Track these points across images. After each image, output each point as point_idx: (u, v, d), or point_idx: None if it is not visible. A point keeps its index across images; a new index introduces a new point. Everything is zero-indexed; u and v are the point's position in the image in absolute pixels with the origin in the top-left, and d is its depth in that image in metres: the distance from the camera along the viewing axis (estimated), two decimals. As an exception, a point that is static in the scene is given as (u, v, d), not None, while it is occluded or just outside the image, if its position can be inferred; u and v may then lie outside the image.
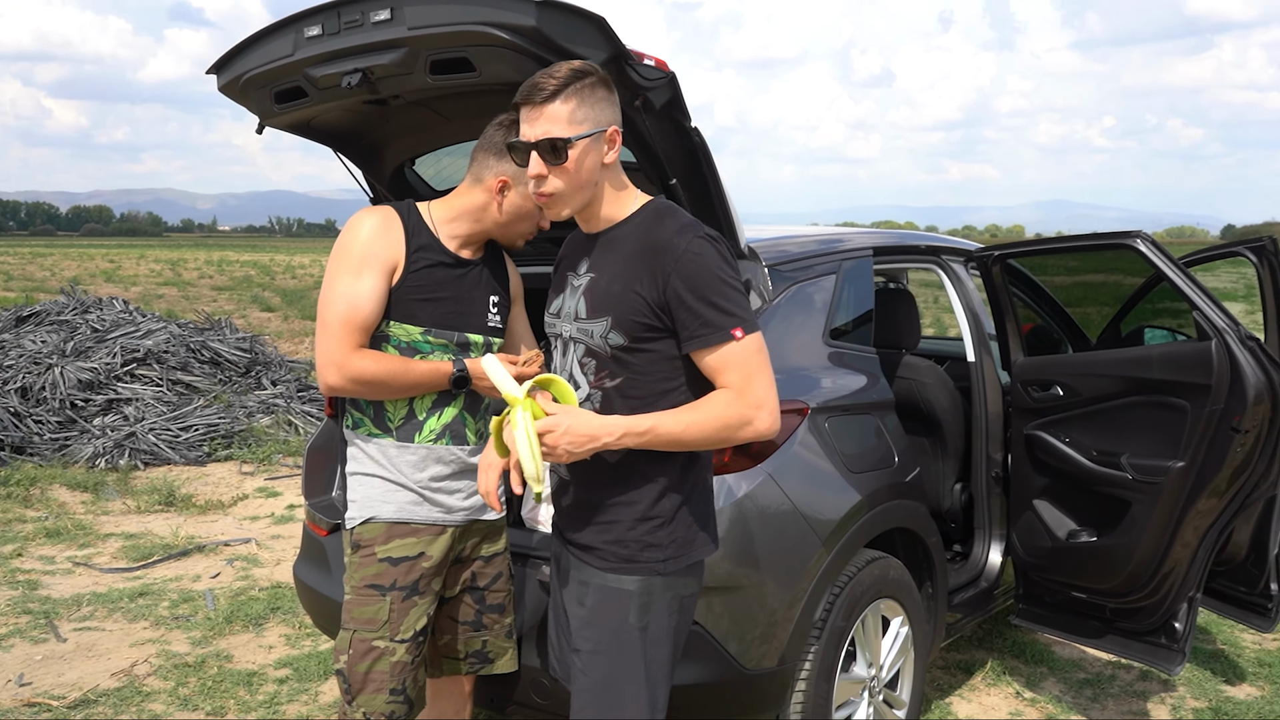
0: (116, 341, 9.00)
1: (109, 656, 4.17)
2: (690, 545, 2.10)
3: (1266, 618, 3.60)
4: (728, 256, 1.97)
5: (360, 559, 2.48)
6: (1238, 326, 3.20)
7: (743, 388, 1.95)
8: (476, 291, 2.55)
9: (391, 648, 2.44)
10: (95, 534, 5.90)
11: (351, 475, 2.55)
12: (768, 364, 1.97)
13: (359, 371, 2.38)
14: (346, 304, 2.38)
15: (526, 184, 2.43)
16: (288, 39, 2.58)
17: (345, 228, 2.48)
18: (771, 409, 1.96)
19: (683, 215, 2.03)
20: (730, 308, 1.93)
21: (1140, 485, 3.32)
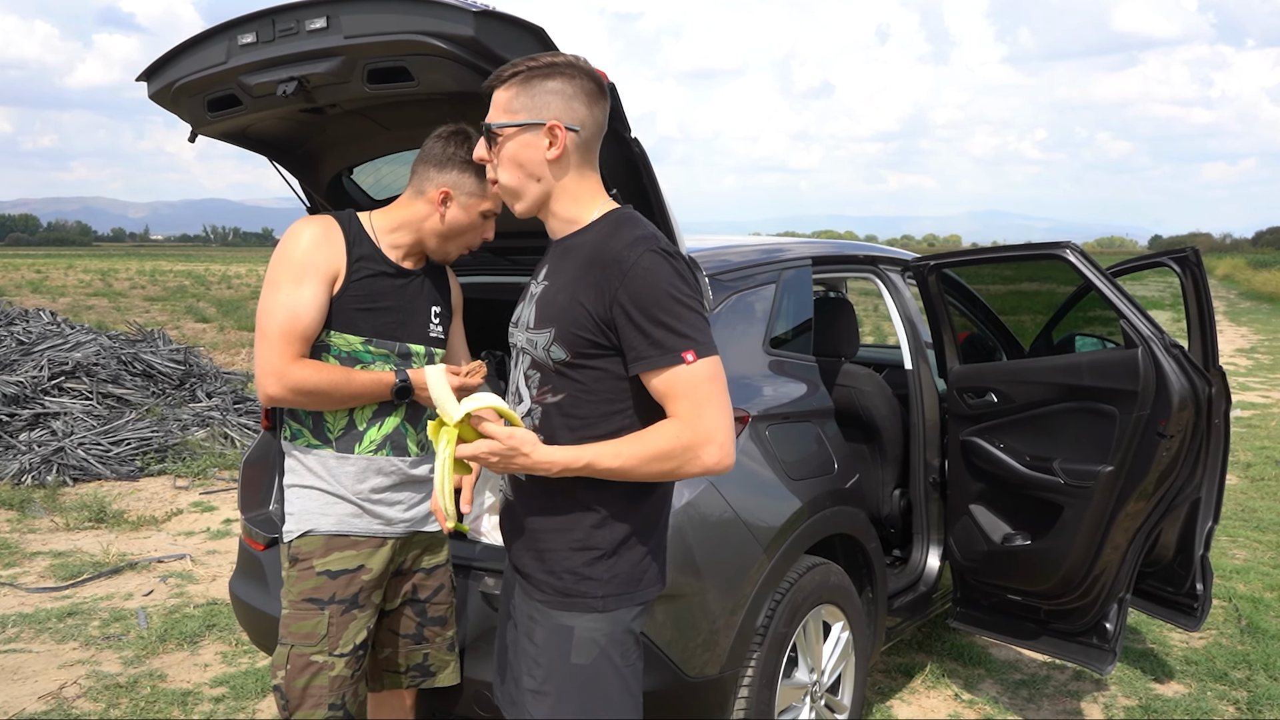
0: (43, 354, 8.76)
1: (36, 679, 4.05)
2: (636, 583, 1.95)
3: (1193, 617, 3.70)
4: (684, 273, 1.82)
5: (298, 572, 2.45)
6: (1162, 334, 3.30)
7: (690, 417, 1.78)
8: (418, 302, 2.54)
9: (330, 662, 2.41)
10: (21, 553, 5.72)
11: (289, 488, 2.51)
12: (722, 392, 1.81)
13: (299, 381, 2.35)
14: (287, 313, 2.35)
15: (467, 196, 2.45)
16: (221, 46, 2.54)
17: (285, 236, 2.45)
18: (722, 442, 1.79)
19: (641, 226, 1.89)
20: (682, 328, 1.78)
21: (1071, 489, 3.39)
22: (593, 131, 1.93)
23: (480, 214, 2.51)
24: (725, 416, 1.80)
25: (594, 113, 1.92)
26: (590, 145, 1.94)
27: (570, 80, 1.90)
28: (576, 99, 1.90)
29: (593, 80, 1.92)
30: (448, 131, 2.49)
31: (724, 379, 1.82)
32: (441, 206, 2.48)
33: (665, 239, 1.85)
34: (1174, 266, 3.70)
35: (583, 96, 1.91)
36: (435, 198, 2.47)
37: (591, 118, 1.92)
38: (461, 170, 2.46)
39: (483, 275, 3.57)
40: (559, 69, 1.90)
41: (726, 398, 1.82)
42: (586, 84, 1.91)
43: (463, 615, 2.81)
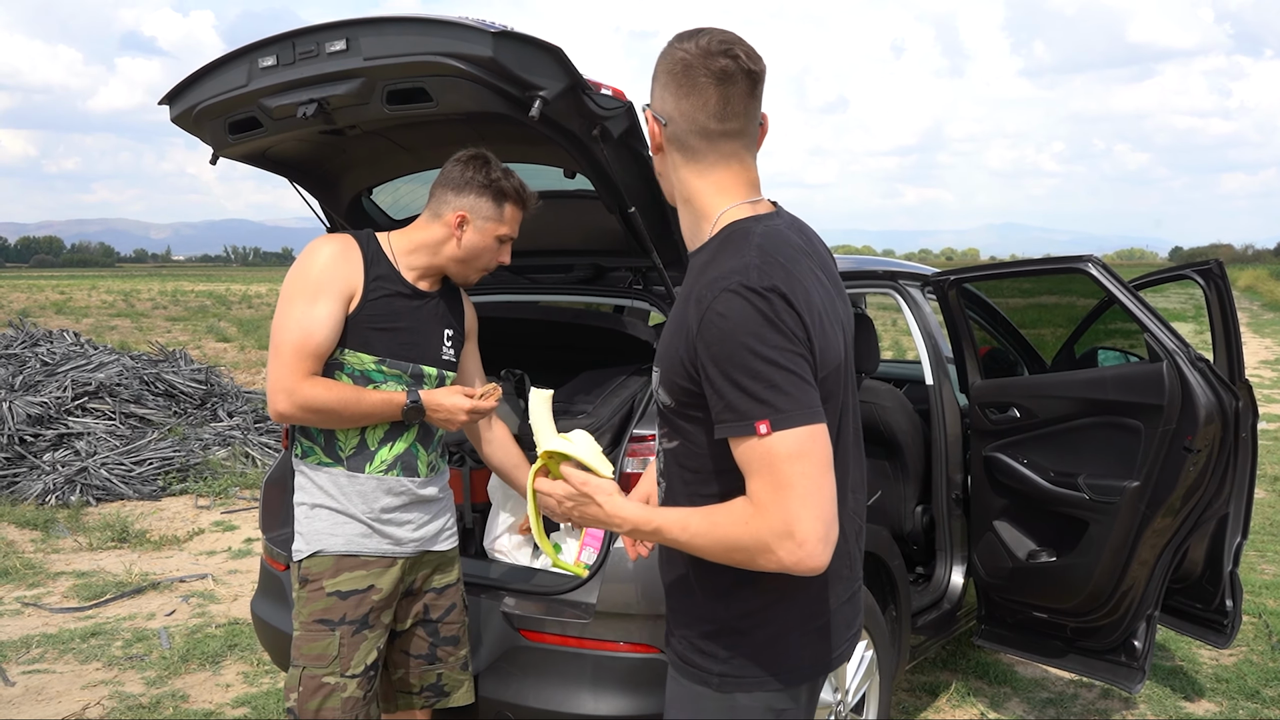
0: (67, 375, 8.83)
1: (60, 700, 4.06)
2: (773, 665, 1.62)
3: (1223, 634, 3.65)
4: (774, 317, 1.45)
5: (308, 593, 2.44)
6: (1187, 348, 3.27)
7: (764, 502, 1.45)
8: (432, 324, 2.54)
9: (343, 683, 2.41)
10: (45, 573, 5.75)
11: (298, 506, 2.51)
12: (811, 474, 1.43)
13: (309, 399, 2.34)
14: (300, 330, 2.35)
15: (483, 220, 2.46)
16: (241, 69, 2.57)
17: (303, 253, 2.45)
18: (805, 537, 1.42)
19: (738, 254, 1.52)
20: (758, 390, 1.43)
21: (1097, 505, 3.36)
22: (685, 128, 1.60)
23: (496, 238, 2.51)
24: (810, 505, 1.43)
25: (684, 105, 1.58)
26: (687, 143, 1.62)
27: (664, 61, 1.61)
28: (666, 85, 1.60)
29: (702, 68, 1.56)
30: (467, 155, 2.50)
31: (819, 456, 1.45)
32: (458, 230, 2.49)
33: (762, 269, 1.49)
34: (1198, 279, 3.67)
35: (672, 84, 1.59)
36: (452, 221, 2.48)
37: (679, 110, 1.59)
38: (479, 194, 2.47)
39: (502, 294, 3.57)
40: (672, 51, 1.60)
41: (819, 481, 1.44)
42: (680, 68, 1.57)
43: (484, 635, 2.80)
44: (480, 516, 3.15)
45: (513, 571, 2.95)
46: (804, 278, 1.53)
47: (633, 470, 2.72)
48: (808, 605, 1.64)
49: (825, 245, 1.75)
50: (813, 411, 1.46)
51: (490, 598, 2.84)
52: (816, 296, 1.54)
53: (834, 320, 1.58)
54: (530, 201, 2.56)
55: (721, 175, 1.63)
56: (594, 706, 2.64)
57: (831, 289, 1.63)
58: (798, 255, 1.58)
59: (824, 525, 1.44)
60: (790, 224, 1.67)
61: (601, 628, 2.66)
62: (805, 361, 1.47)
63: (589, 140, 2.51)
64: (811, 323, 1.49)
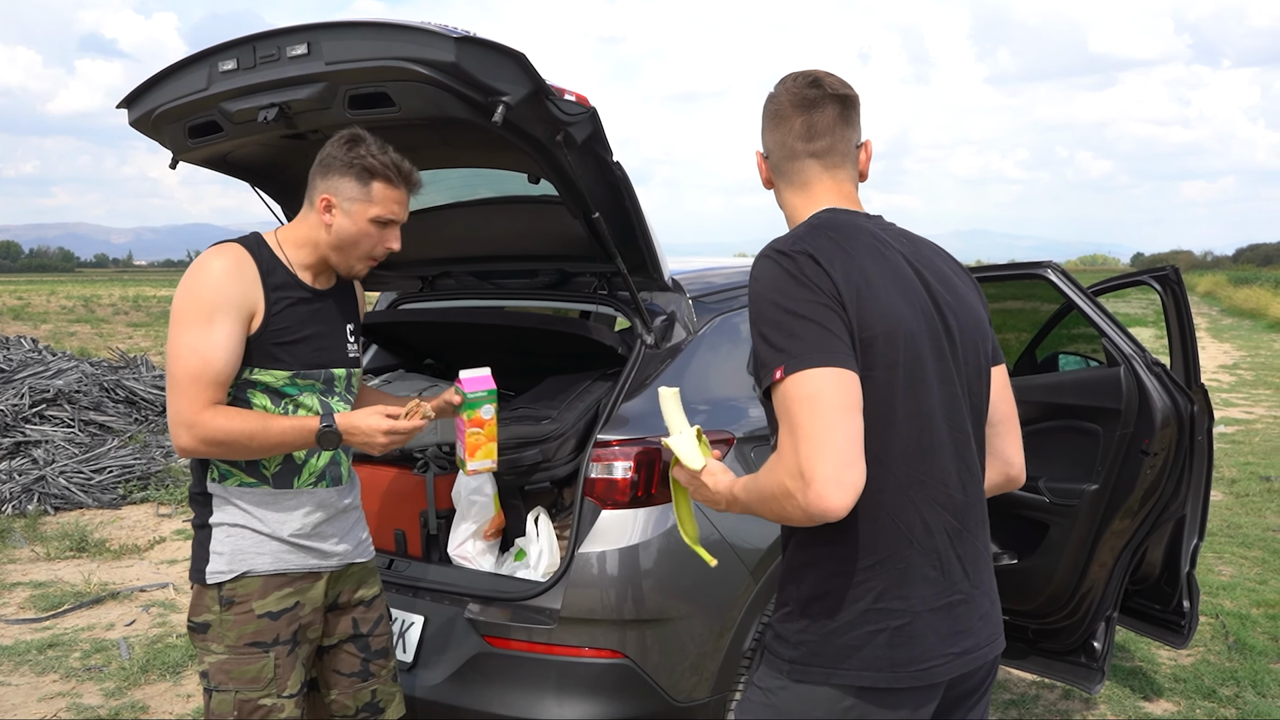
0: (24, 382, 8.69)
1: (16, 712, 3.98)
2: (832, 656, 1.60)
3: (1180, 634, 3.70)
4: (796, 273, 1.55)
5: (235, 616, 2.28)
6: (1144, 352, 3.32)
7: (783, 447, 1.50)
8: (335, 323, 2.41)
9: (280, 704, 2.30)
10: (1, 583, 5.64)
11: (216, 526, 2.32)
12: (820, 413, 1.46)
13: (213, 432, 2.18)
14: (197, 358, 2.18)
15: (349, 202, 2.28)
16: (202, 73, 2.55)
17: (191, 270, 2.24)
18: (812, 476, 1.44)
19: (787, 234, 1.71)
20: (777, 339, 1.51)
21: (1057, 508, 3.40)
22: (780, 156, 1.79)
23: (370, 221, 2.29)
24: (820, 445, 1.44)
25: (775, 135, 1.79)
26: (783, 170, 1.80)
27: (765, 106, 1.83)
28: (765, 124, 1.83)
29: (787, 104, 1.76)
30: (337, 135, 2.32)
31: (831, 398, 1.47)
32: (326, 215, 2.30)
33: (800, 237, 1.62)
34: (1155, 285, 3.73)
35: (768, 120, 1.82)
36: (319, 206, 2.31)
37: (773, 140, 1.80)
38: (342, 174, 2.28)
39: (467, 299, 3.56)
40: (768, 97, 1.82)
41: (829, 421, 1.46)
42: (771, 105, 1.80)
43: (449, 641, 2.78)
44: (444, 523, 3.13)
45: (477, 578, 2.94)
46: (856, 251, 1.60)
47: (597, 475, 2.72)
48: (878, 597, 1.59)
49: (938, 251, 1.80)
50: (828, 355, 1.48)
51: (454, 604, 2.82)
52: (873, 269, 1.60)
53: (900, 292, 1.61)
54: (409, 179, 2.32)
55: (816, 190, 1.76)
56: (558, 712, 2.63)
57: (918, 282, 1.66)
58: (863, 239, 1.64)
59: (834, 466, 1.44)
60: (878, 222, 1.75)
61: (566, 633, 2.65)
62: (831, 312, 1.52)
63: (552, 146, 2.50)
64: (845, 281, 1.55)
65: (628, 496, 2.70)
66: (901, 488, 1.58)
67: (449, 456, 3.22)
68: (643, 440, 2.73)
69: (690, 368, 2.97)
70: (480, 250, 3.44)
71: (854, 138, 1.76)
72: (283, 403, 2.31)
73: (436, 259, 3.57)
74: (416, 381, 3.41)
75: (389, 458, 3.23)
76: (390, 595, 2.96)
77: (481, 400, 2.48)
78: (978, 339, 1.72)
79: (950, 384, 1.64)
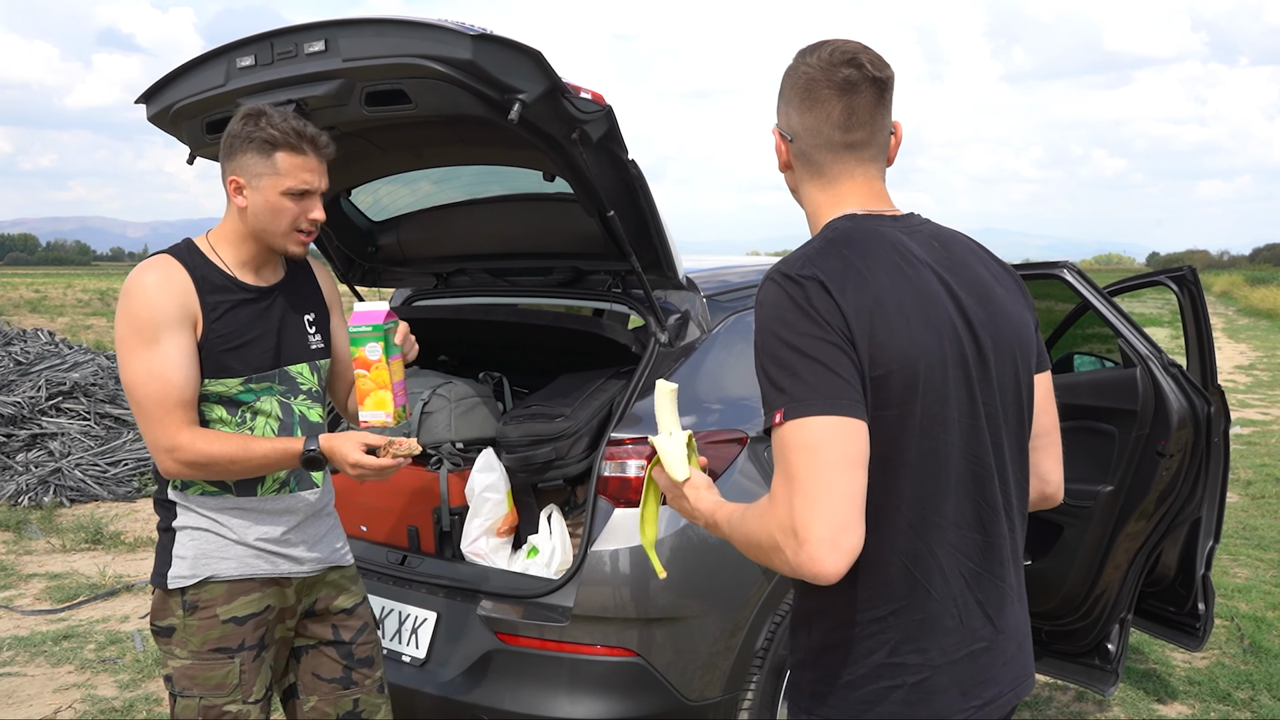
0: (41, 374, 8.74)
1: (31, 703, 4.01)
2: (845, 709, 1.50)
3: (1195, 637, 3.68)
4: (803, 302, 1.40)
5: (199, 621, 2.22)
6: (1160, 353, 3.30)
7: (776, 495, 1.37)
8: (288, 318, 2.31)
9: (246, 710, 2.24)
10: (17, 575, 5.69)
11: (180, 530, 2.27)
12: (819, 468, 1.33)
13: (194, 457, 2.13)
14: (157, 382, 2.11)
15: (255, 178, 2.19)
16: (219, 69, 2.56)
17: (124, 292, 2.15)
18: (806, 537, 1.32)
19: (800, 251, 1.50)
20: (779, 378, 1.38)
21: (1072, 509, 3.38)
22: (811, 143, 1.57)
23: (283, 194, 2.18)
24: (816, 503, 1.32)
25: (807, 118, 1.55)
26: (813, 158, 1.58)
27: (788, 78, 1.58)
28: (790, 101, 1.57)
29: (824, 81, 1.53)
30: (246, 112, 2.21)
31: (834, 451, 1.33)
32: (239, 197, 2.20)
33: (810, 258, 1.45)
34: (1171, 285, 3.70)
35: (795, 98, 1.56)
36: (230, 190, 2.22)
37: (803, 125, 1.56)
38: (243, 151, 2.18)
39: (480, 297, 3.57)
40: (795, 69, 1.58)
41: (829, 478, 1.33)
42: (808, 86, 1.54)
43: (461, 638, 2.79)
44: (457, 519, 3.14)
45: (490, 574, 2.95)
46: (874, 272, 1.44)
47: (610, 474, 2.73)
48: (893, 650, 1.47)
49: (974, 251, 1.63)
50: (833, 402, 1.35)
51: (467, 601, 2.83)
52: (889, 293, 1.43)
53: (920, 320, 1.44)
54: (315, 143, 2.20)
55: (845, 188, 1.57)
56: (570, 710, 2.64)
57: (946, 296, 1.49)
58: (884, 252, 1.48)
59: (830, 528, 1.31)
60: (915, 229, 1.57)
61: (578, 631, 2.65)
62: (838, 351, 1.37)
63: (568, 144, 2.51)
64: (857, 313, 1.39)
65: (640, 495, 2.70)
66: (915, 532, 1.46)
67: (463, 454, 3.23)
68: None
69: (704, 366, 2.97)
70: (495, 248, 3.45)
71: (889, 125, 1.60)
72: (239, 411, 2.24)
73: (451, 256, 3.58)
74: (430, 377, 3.42)
75: (403, 454, 3.24)
76: (403, 591, 2.98)
77: (365, 337, 2.18)
78: (1017, 352, 1.57)
79: (975, 416, 1.50)
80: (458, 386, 3.35)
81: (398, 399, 2.22)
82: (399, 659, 2.87)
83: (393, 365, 2.20)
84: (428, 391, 3.28)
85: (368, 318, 2.19)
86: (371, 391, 2.20)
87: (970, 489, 1.50)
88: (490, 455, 3.10)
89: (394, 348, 2.21)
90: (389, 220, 3.55)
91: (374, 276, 3.71)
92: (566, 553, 2.96)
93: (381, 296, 4.03)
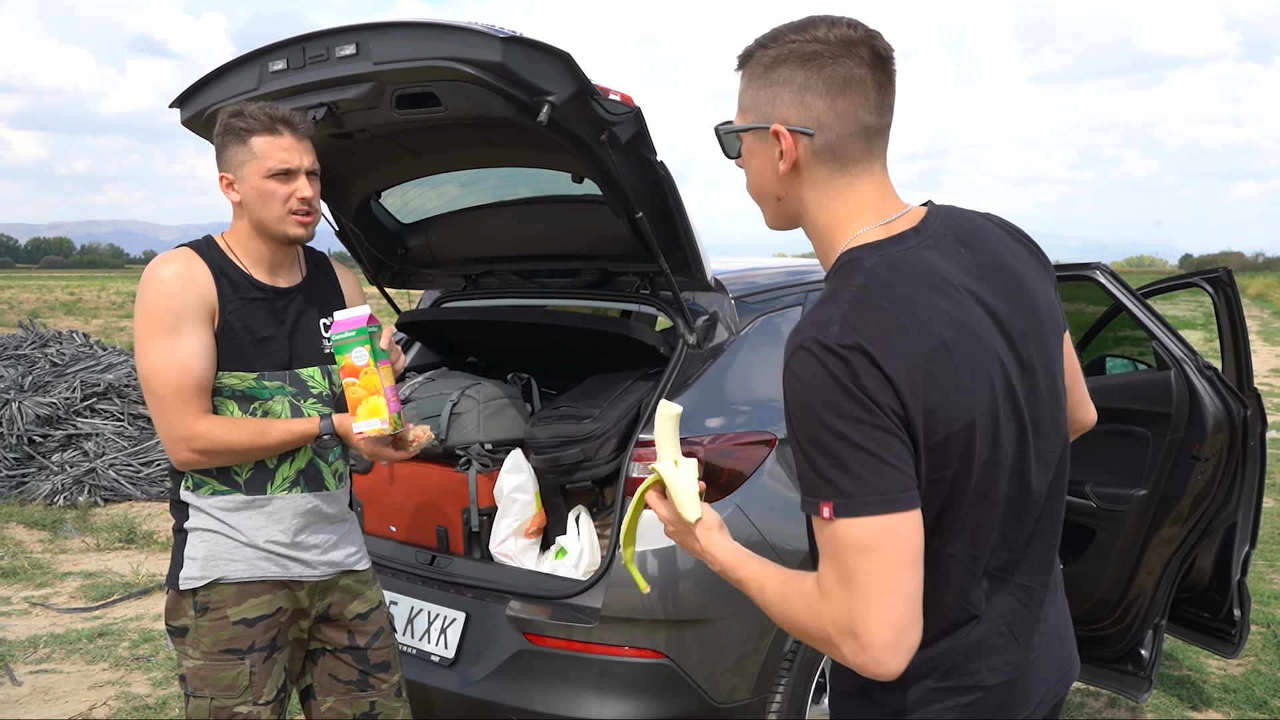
0: (76, 376, 8.86)
1: (67, 700, 4.07)
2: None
3: (1230, 643, 3.63)
4: (848, 382, 1.22)
5: (210, 623, 2.24)
6: (1195, 356, 3.26)
7: (830, 591, 1.26)
8: (303, 320, 2.32)
9: (256, 712, 2.26)
10: (53, 573, 5.77)
11: (192, 531, 2.29)
12: (878, 571, 1.22)
13: (210, 443, 2.16)
14: (175, 371, 2.13)
15: (238, 168, 2.21)
16: (252, 73, 2.58)
17: (144, 283, 2.18)
18: (868, 641, 1.22)
19: (830, 299, 1.31)
20: (824, 467, 1.24)
21: (1104, 513, 3.35)
22: (842, 132, 1.35)
23: (266, 177, 2.19)
24: (877, 607, 1.22)
25: (838, 104, 1.34)
26: (842, 151, 1.37)
27: (804, 64, 1.34)
28: (811, 89, 1.34)
29: (847, 57, 1.33)
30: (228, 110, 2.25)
31: (893, 551, 1.22)
32: (231, 193, 2.24)
33: (848, 321, 1.26)
34: (1206, 287, 3.66)
35: (820, 85, 1.34)
36: (224, 188, 2.25)
37: (834, 112, 1.34)
38: (225, 147, 2.22)
39: (508, 298, 3.58)
40: (794, 49, 1.35)
41: (889, 580, 1.22)
42: (831, 65, 1.33)
43: (489, 639, 2.80)
44: (486, 520, 3.15)
45: (518, 575, 2.96)
46: (918, 322, 1.28)
47: (638, 475, 2.73)
48: (945, 674, 1.40)
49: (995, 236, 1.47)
50: (889, 500, 1.22)
51: (495, 601, 2.84)
52: (934, 343, 1.28)
53: (967, 367, 1.30)
54: (289, 122, 2.21)
55: (863, 189, 1.39)
56: (598, 711, 2.64)
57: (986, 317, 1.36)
58: (920, 289, 1.32)
59: (893, 631, 1.22)
60: (941, 236, 1.40)
61: (607, 632, 2.66)
62: (890, 436, 1.23)
63: (597, 145, 2.51)
64: (909, 384, 1.24)
65: None
66: (967, 570, 1.39)
67: (491, 455, 3.24)
68: (684, 441, 2.72)
69: (732, 368, 2.97)
70: (523, 249, 3.46)
71: None
72: (251, 407, 2.25)
73: (480, 258, 3.59)
74: (459, 379, 3.43)
75: (432, 455, 3.26)
76: (432, 591, 2.99)
77: (350, 343, 2.15)
78: (1052, 339, 1.46)
79: (1024, 441, 1.39)
80: (486, 388, 3.36)
81: (391, 405, 2.16)
82: (428, 659, 2.88)
83: (382, 370, 2.15)
84: (457, 392, 3.30)
85: (350, 323, 2.16)
86: (363, 400, 2.15)
87: (1019, 512, 1.43)
88: (519, 456, 3.11)
89: (381, 352, 2.17)
90: (418, 222, 3.57)
91: (403, 278, 3.73)
92: (595, 554, 2.96)
93: (410, 299, 4.05)
